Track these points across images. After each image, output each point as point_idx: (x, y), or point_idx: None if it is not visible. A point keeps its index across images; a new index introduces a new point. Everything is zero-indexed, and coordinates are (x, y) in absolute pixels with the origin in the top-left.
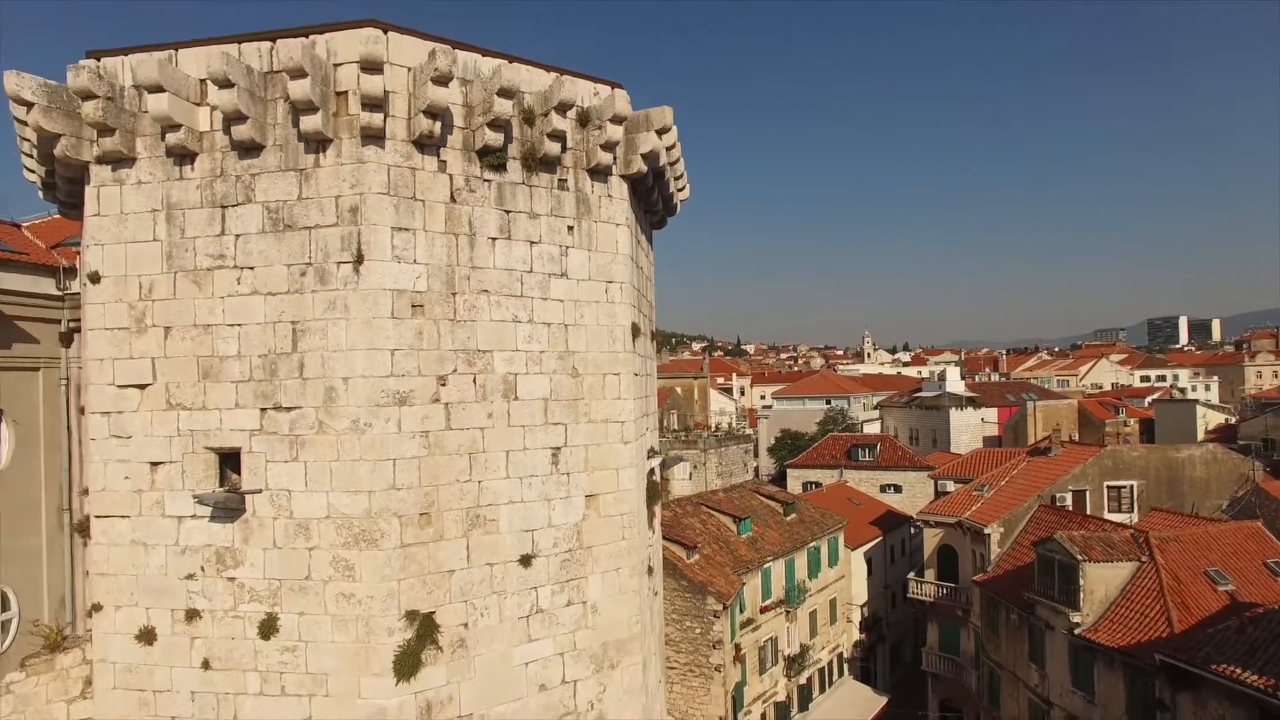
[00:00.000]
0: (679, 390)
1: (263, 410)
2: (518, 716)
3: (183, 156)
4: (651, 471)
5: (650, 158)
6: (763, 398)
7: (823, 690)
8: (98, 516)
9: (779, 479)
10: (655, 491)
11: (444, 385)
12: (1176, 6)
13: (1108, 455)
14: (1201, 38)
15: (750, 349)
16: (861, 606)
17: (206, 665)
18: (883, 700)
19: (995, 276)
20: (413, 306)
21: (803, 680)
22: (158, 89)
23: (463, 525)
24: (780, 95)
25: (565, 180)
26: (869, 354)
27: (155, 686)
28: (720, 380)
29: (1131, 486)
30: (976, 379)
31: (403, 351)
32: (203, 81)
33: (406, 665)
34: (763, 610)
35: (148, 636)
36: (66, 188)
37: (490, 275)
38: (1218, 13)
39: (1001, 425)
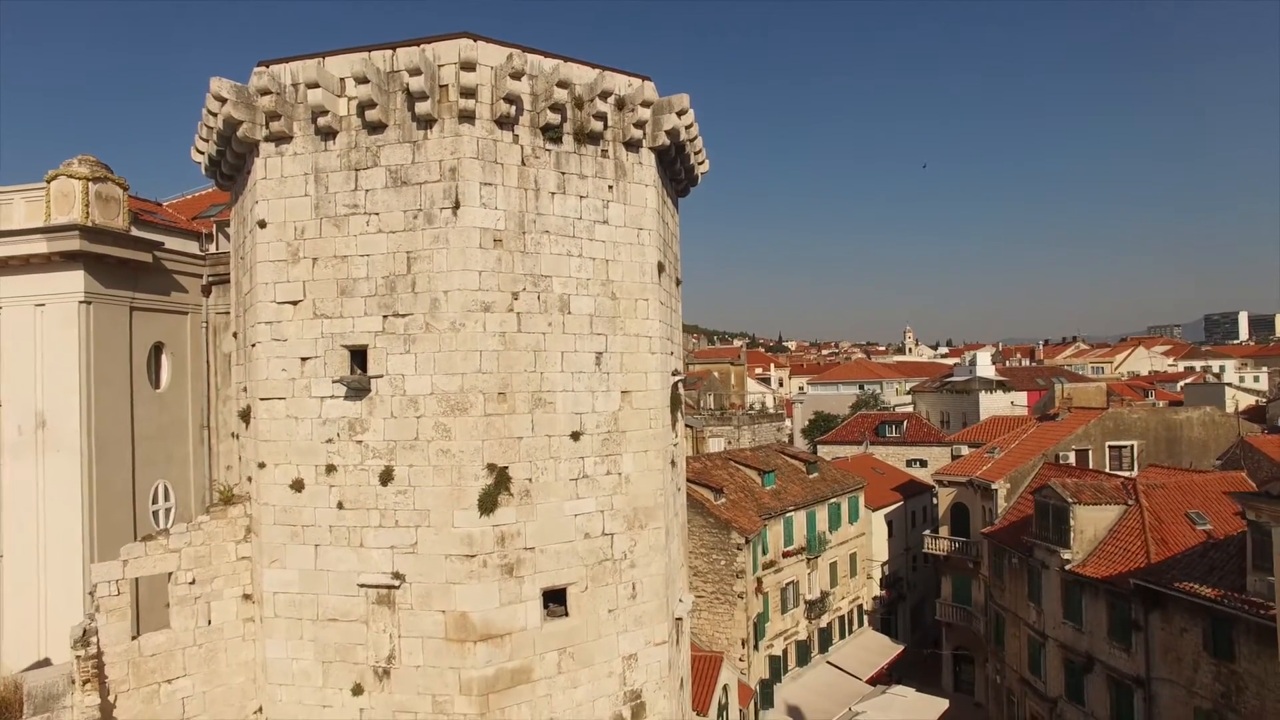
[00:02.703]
0: (716, 374)
1: (384, 317)
2: (568, 553)
3: (327, 134)
4: (675, 385)
5: (672, 134)
6: (800, 388)
7: (843, 636)
8: (261, 399)
9: None
10: (678, 400)
11: (516, 299)
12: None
13: (1109, 417)
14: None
15: (792, 345)
16: (882, 565)
17: (341, 506)
18: (899, 648)
19: (1044, 274)
20: (494, 240)
21: (823, 624)
22: (314, 85)
23: (529, 404)
24: (829, 92)
25: (606, 150)
26: (910, 348)
27: (303, 522)
28: (759, 371)
29: (1132, 446)
30: (1008, 364)
31: (487, 273)
32: (342, 79)
33: (487, 503)
34: (785, 555)
35: (298, 486)
36: (233, 162)
37: (550, 220)
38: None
39: (1031, 408)
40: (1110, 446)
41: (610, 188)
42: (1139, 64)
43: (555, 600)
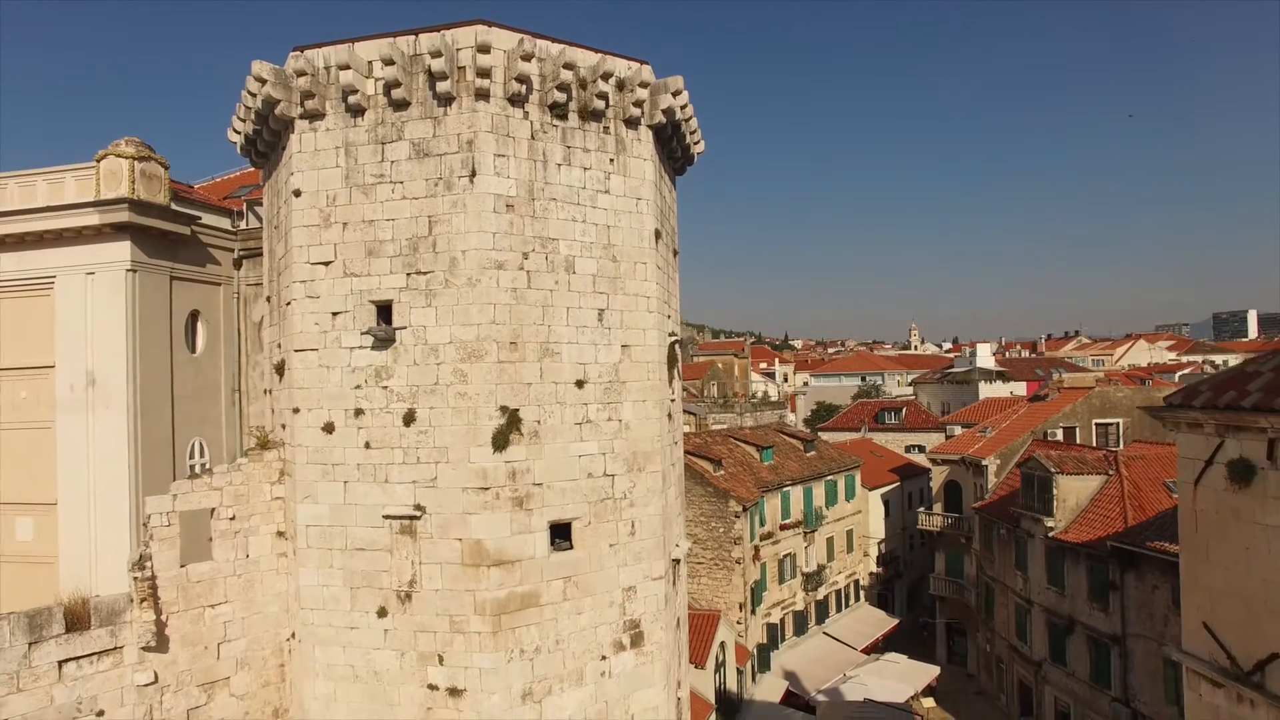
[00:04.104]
0: (719, 365)
1: (408, 274)
2: (573, 490)
3: (357, 111)
4: (672, 346)
5: (668, 112)
6: (804, 383)
7: (839, 609)
8: (296, 350)
9: None
10: (675, 359)
11: (526, 259)
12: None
13: (1096, 395)
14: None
15: (798, 344)
16: (879, 543)
17: (368, 445)
18: (895, 621)
19: (1050, 273)
20: (507, 206)
21: (820, 596)
22: (345, 67)
23: (538, 353)
24: (831, 91)
25: (608, 127)
26: (916, 346)
27: (334, 461)
28: (763, 366)
29: (1118, 424)
30: (1008, 356)
31: (500, 234)
32: (370, 62)
33: (500, 441)
34: (782, 527)
35: (329, 428)
36: (269, 139)
37: (557, 189)
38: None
39: (1028, 397)
40: (1097, 424)
41: (611, 161)
42: (1142, 63)
43: (561, 535)
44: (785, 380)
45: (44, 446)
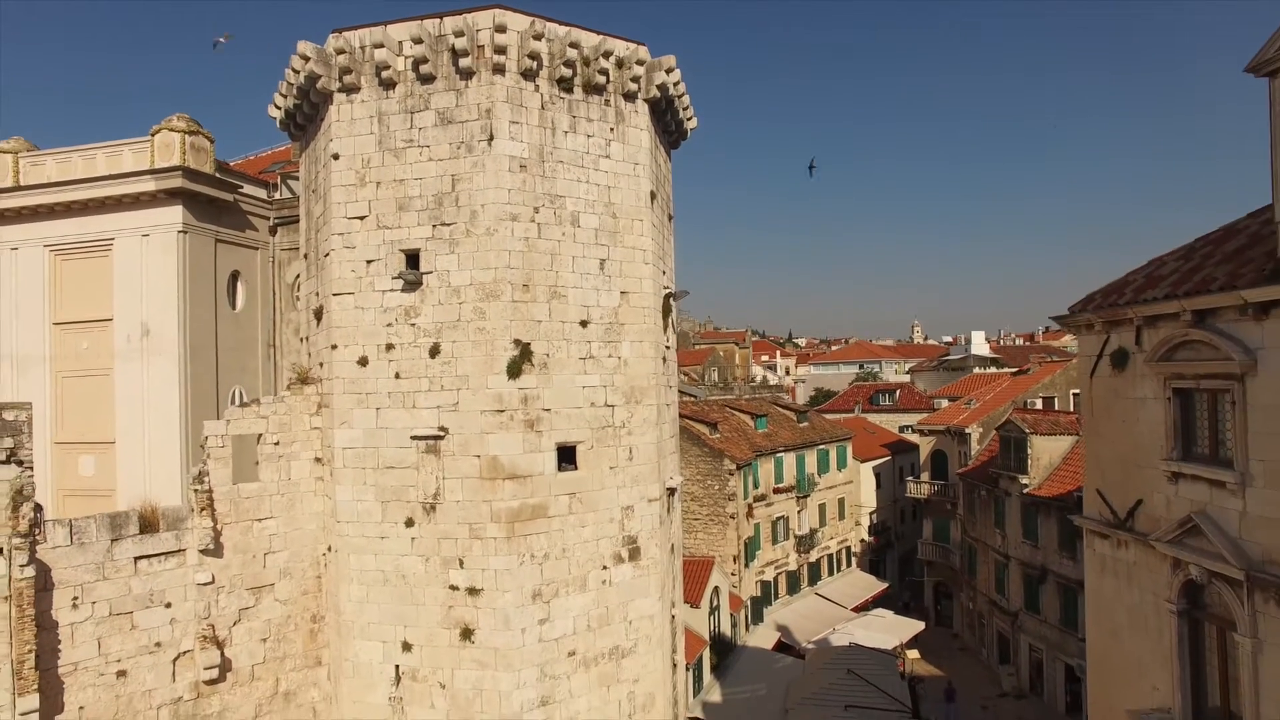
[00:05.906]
0: (720, 352)
1: (433, 226)
2: (577, 417)
3: (389, 85)
4: (666, 297)
5: (662, 88)
6: (806, 372)
7: (831, 573)
8: (334, 294)
9: None
10: (668, 309)
11: (537, 213)
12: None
13: (1073, 367)
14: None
15: (802, 342)
16: (871, 513)
17: (397, 376)
18: (884, 585)
19: (1055, 271)
20: (520, 166)
21: (812, 559)
22: (379, 46)
23: (547, 295)
24: (832, 90)
25: (609, 100)
26: (918, 344)
27: (367, 390)
28: (765, 358)
29: None
30: (1002, 344)
31: (514, 190)
32: (400, 42)
33: (514, 370)
34: (775, 491)
35: (363, 361)
36: (308, 112)
37: (564, 153)
38: None
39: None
40: (1074, 394)
41: (611, 130)
42: (1144, 63)
43: (567, 458)
44: (787, 373)
45: (103, 391)
